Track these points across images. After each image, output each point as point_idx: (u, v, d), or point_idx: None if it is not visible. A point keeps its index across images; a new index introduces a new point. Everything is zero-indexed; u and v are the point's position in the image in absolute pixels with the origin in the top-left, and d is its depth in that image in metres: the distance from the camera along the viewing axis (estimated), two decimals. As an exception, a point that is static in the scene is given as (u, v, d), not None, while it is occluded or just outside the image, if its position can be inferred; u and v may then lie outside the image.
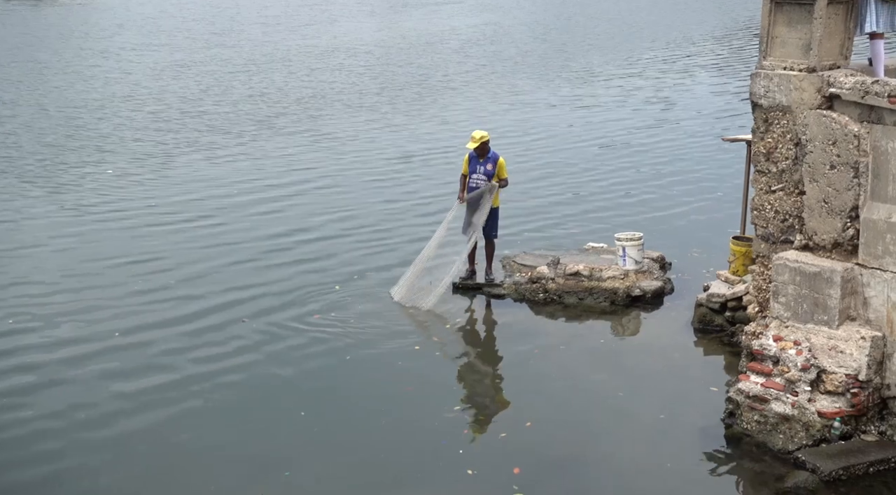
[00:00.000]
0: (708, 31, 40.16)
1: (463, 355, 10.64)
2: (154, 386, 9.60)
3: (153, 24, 45.17)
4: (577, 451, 8.29)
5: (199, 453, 8.42)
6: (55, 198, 16.57)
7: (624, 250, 11.79)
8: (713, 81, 28.51)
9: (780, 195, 8.87)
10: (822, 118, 8.29)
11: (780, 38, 8.75)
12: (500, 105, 25.47)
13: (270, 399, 9.40)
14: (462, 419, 9.06)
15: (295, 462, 8.21)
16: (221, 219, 15.22)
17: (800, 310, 8.37)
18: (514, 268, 12.30)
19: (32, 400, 9.36)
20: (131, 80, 29.70)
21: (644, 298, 11.47)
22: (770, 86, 8.74)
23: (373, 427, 8.79)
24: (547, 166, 18.48)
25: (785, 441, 8.01)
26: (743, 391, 8.30)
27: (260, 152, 19.96)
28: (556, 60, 33.86)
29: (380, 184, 17.25)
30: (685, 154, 19.36)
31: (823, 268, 8.22)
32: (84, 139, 21.26)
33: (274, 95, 26.69)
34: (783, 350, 8.16)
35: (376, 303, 11.58)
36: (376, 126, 22.56)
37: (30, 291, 12.12)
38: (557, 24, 44.29)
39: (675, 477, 7.85)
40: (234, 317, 11.23)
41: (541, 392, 9.41)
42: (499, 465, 8.05)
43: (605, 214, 15.18)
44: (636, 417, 8.83)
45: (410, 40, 39.07)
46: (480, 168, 11.80)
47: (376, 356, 10.27)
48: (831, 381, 7.92)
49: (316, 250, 13.63)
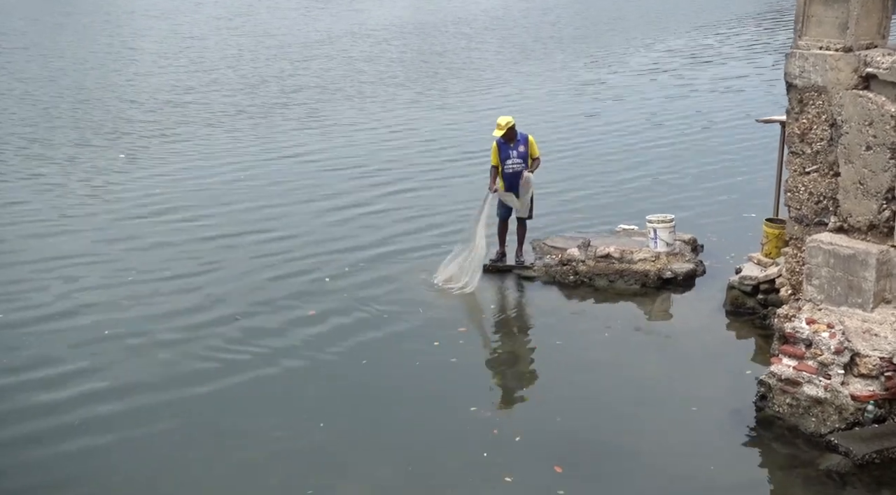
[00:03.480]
0: (737, 14, 39.73)
1: (492, 342, 10.51)
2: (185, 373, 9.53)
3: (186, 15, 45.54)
4: (611, 438, 8.16)
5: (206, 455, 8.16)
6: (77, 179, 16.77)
7: (655, 232, 11.73)
8: (745, 63, 28.25)
9: (814, 176, 8.78)
10: (858, 98, 8.18)
11: (815, 17, 8.64)
12: (530, 87, 25.40)
13: (301, 393, 9.20)
14: (492, 418, 8.55)
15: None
16: (252, 204, 15.27)
17: (833, 292, 8.29)
18: (544, 251, 12.27)
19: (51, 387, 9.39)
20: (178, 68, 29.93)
21: (675, 281, 11.40)
22: (805, 66, 8.64)
23: (398, 430, 8.36)
24: (577, 147, 18.41)
25: (817, 424, 7.95)
26: (775, 374, 8.24)
27: (305, 135, 20.05)
28: (585, 43, 33.70)
29: (414, 169, 17.22)
30: (718, 135, 19.24)
31: (858, 250, 8.13)
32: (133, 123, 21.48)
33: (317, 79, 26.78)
34: (816, 333, 8.09)
35: (407, 288, 11.57)
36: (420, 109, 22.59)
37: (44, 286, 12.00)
38: (587, 7, 44.01)
39: (707, 460, 7.80)
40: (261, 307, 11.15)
41: (571, 378, 9.30)
42: (537, 467, 7.72)
43: (636, 196, 15.10)
44: (668, 401, 8.78)
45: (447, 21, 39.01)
46: (513, 152, 11.71)
47: (399, 344, 10.07)
48: (865, 364, 7.84)
49: (346, 233, 13.66)
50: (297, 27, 40.08)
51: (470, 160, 17.08)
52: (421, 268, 12.03)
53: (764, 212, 11.60)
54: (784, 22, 35.81)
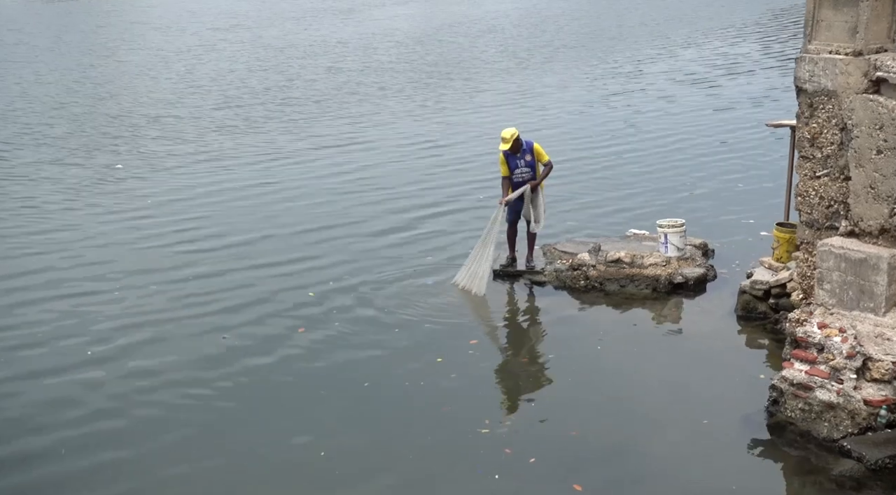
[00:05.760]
0: (746, 19, 39.70)
1: (502, 352, 10.43)
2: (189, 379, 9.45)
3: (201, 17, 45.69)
4: (627, 449, 8.06)
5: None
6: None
7: (666, 237, 11.72)
8: (755, 67, 28.20)
9: (824, 181, 8.77)
10: (868, 102, 8.17)
11: (825, 22, 8.64)
12: (539, 91, 25.41)
13: (309, 392, 9.16)
14: (504, 436, 8.28)
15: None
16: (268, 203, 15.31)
17: (845, 297, 8.28)
18: (554, 255, 12.27)
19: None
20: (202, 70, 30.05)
21: (686, 285, 11.38)
22: (815, 70, 8.63)
23: (404, 453, 8.06)
24: (587, 152, 18.41)
25: (830, 429, 7.93)
26: (787, 379, 8.22)
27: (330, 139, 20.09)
28: (596, 46, 33.70)
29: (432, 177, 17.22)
30: (728, 140, 19.20)
31: (869, 254, 8.11)
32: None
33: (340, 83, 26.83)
34: (828, 337, 8.07)
35: (418, 293, 11.57)
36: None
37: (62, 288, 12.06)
38: (599, 11, 44.01)
39: (719, 466, 7.79)
40: (275, 308, 11.16)
41: (584, 387, 9.21)
42: (555, 488, 7.50)
43: (646, 201, 15.08)
44: (679, 406, 8.77)
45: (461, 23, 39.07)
46: (521, 162, 11.69)
47: (405, 358, 9.87)
48: (877, 369, 7.82)
49: (358, 239, 13.69)
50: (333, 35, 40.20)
51: (478, 169, 17.11)
52: (426, 275, 12.03)
53: (775, 216, 11.55)
54: (793, 26, 35.79)
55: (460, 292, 11.47)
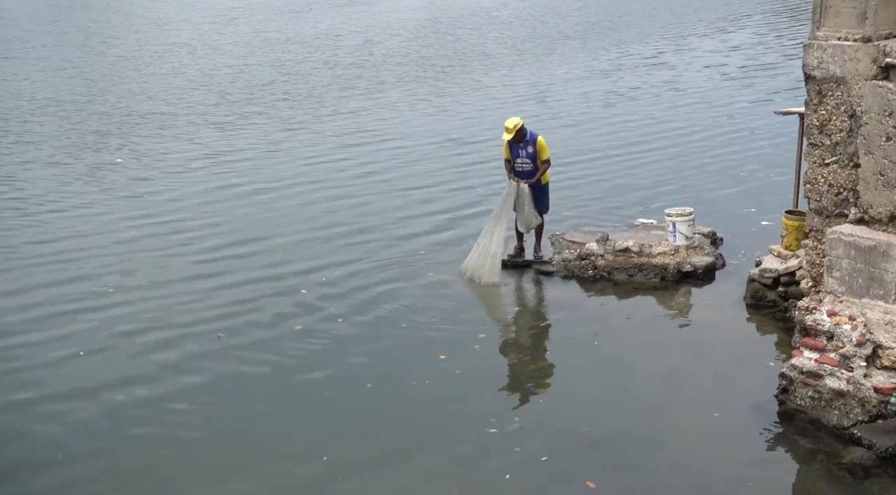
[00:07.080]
0: (752, 7, 39.49)
1: (510, 345, 10.36)
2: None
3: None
4: (639, 441, 8.03)
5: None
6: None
7: (674, 226, 11.69)
8: (763, 54, 28.08)
9: (834, 168, 8.72)
10: (877, 89, 8.12)
11: (833, 8, 8.57)
12: (548, 80, 25.36)
13: (312, 390, 9.05)
14: (513, 433, 8.16)
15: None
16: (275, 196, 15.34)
17: (855, 284, 8.24)
18: (562, 245, 12.25)
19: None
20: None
21: (695, 274, 11.36)
22: (823, 57, 8.57)
23: (410, 454, 7.93)
24: (595, 141, 18.38)
25: (840, 417, 7.91)
26: (796, 367, 8.20)
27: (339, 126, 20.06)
28: (603, 34, 33.59)
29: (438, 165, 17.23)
30: (736, 127, 19.15)
31: (879, 241, 8.07)
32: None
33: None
34: (837, 325, 8.04)
35: (428, 284, 11.58)
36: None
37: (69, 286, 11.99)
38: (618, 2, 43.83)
39: (729, 454, 7.78)
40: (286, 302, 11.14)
41: (593, 378, 9.17)
42: (568, 485, 7.41)
43: (654, 190, 15.04)
44: (689, 396, 8.76)
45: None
46: (522, 152, 11.71)
47: (412, 352, 9.81)
48: (887, 357, 7.79)
49: (366, 229, 13.71)
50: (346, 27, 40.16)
51: (483, 160, 17.09)
52: (429, 269, 11.99)
53: (784, 203, 11.50)
54: (800, 14, 35.59)
55: (466, 284, 11.45)
